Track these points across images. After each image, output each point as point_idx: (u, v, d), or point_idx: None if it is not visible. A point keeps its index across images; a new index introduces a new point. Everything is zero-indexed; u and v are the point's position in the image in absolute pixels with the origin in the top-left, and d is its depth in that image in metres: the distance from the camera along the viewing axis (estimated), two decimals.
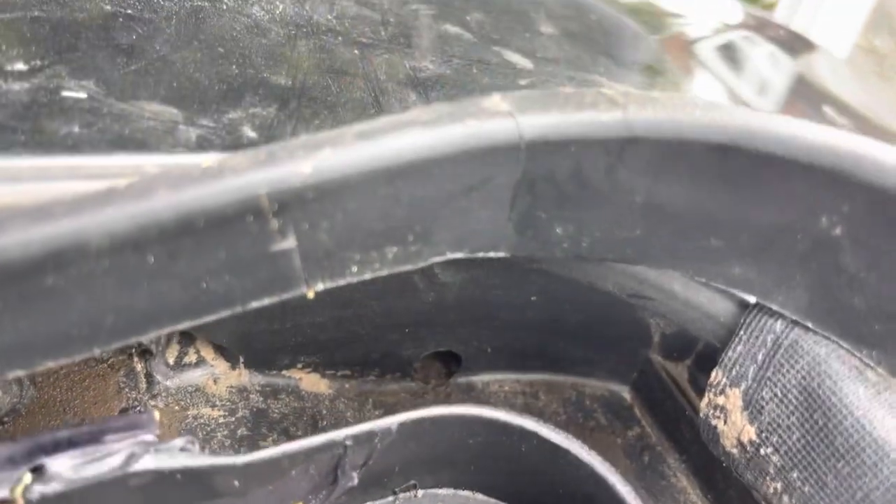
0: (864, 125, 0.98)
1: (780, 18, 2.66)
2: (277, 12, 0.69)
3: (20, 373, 0.36)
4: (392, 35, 0.73)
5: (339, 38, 0.69)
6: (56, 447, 0.40)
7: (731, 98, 0.93)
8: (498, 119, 0.40)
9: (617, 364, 0.76)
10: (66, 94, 0.48)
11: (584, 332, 0.71)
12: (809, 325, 0.49)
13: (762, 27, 1.26)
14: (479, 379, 0.76)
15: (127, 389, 0.60)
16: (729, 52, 1.08)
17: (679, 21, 1.17)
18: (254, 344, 0.64)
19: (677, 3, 1.22)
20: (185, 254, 0.35)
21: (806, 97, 1.04)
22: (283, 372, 0.68)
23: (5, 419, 0.54)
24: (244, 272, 0.38)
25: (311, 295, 0.40)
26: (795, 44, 1.26)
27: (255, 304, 0.39)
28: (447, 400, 0.74)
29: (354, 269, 0.41)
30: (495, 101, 0.41)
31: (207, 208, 0.34)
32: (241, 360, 0.65)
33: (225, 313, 0.39)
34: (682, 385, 0.71)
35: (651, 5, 1.19)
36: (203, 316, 0.38)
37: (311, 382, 0.69)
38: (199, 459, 0.43)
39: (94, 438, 0.41)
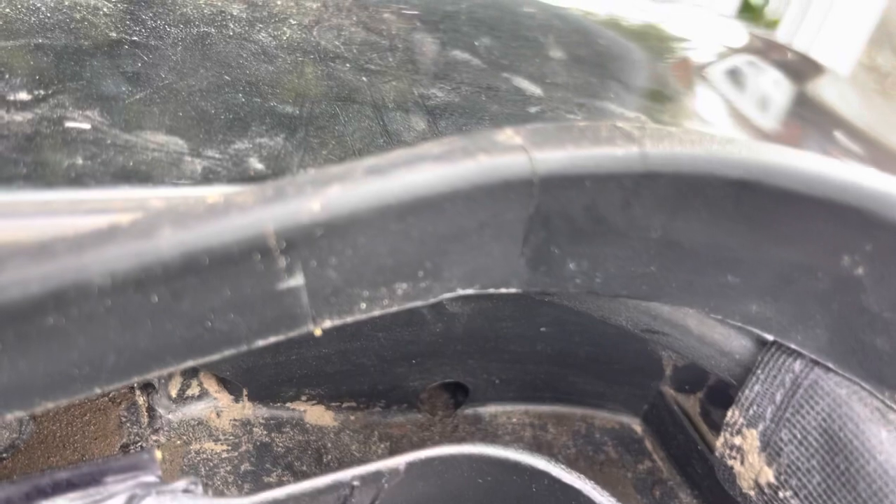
0: (876, 150, 0.97)
1: (782, 36, 2.66)
2: (284, 38, 0.69)
3: (20, 414, 0.35)
4: (400, 61, 0.72)
5: (347, 64, 0.68)
6: (55, 489, 0.39)
7: (739, 123, 0.92)
8: (511, 154, 0.39)
9: (628, 396, 0.74)
10: (69, 124, 0.48)
11: (595, 364, 0.69)
12: (830, 365, 0.48)
13: (768, 49, 1.25)
14: (487, 410, 0.75)
15: (128, 424, 0.58)
16: (736, 77, 1.07)
17: (684, 45, 1.16)
18: (258, 376, 0.63)
19: (682, 27, 1.21)
20: (189, 293, 0.34)
21: (816, 123, 1.03)
22: (288, 404, 0.67)
23: (4, 455, 0.53)
24: (250, 311, 0.37)
25: (318, 332, 0.39)
26: (803, 66, 1.25)
27: (260, 343, 0.38)
28: (454, 432, 0.72)
29: (363, 305, 0.40)
30: (508, 134, 0.40)
31: (213, 247, 0.33)
32: (245, 392, 0.64)
33: (229, 352, 0.38)
34: (693, 418, 0.70)
35: (656, 29, 1.19)
36: (207, 355, 0.37)
37: (316, 415, 0.67)
38: (202, 502, 0.42)
39: (95, 480, 0.40)
